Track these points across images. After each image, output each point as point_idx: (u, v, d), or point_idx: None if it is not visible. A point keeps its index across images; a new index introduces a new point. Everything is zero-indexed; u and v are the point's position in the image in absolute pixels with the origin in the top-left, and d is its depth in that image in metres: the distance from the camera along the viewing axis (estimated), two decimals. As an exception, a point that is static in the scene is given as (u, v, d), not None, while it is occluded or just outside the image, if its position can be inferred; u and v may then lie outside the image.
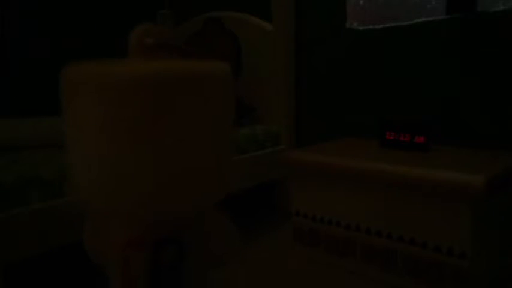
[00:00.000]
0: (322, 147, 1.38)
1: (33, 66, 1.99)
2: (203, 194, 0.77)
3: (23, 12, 1.97)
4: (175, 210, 0.75)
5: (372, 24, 1.57)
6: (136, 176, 0.69)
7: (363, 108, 1.59)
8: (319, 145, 1.43)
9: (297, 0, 1.74)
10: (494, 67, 1.28)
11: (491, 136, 1.31)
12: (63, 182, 1.06)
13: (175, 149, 0.70)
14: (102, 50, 2.27)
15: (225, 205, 1.91)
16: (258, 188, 1.93)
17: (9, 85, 1.89)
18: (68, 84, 0.73)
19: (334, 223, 1.26)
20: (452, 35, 1.36)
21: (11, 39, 1.92)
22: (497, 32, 1.27)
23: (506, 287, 1.13)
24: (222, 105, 0.76)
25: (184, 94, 0.70)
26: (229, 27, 1.90)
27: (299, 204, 1.35)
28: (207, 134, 0.74)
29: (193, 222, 0.82)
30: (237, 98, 1.90)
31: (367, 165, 1.15)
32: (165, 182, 0.70)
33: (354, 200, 1.21)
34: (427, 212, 1.07)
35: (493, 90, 1.29)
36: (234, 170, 1.48)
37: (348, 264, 1.24)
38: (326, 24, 1.67)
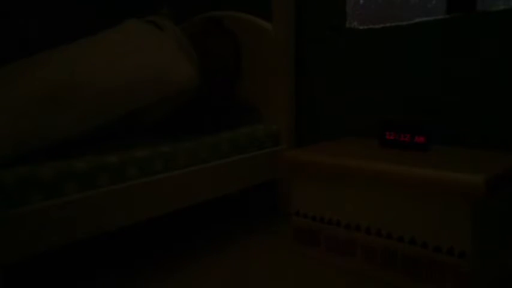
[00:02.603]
0: (322, 147, 1.38)
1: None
2: None
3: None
4: None
5: (372, 23, 1.57)
6: None
7: (362, 108, 1.59)
8: (319, 145, 1.43)
9: (297, 0, 1.74)
10: (494, 67, 1.28)
11: (491, 136, 1.31)
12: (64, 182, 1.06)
13: None
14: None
15: (225, 205, 1.92)
16: (258, 188, 1.93)
17: None
18: None
19: (334, 223, 1.26)
20: (452, 35, 1.35)
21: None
22: (497, 32, 1.27)
23: (506, 287, 1.13)
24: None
25: None
26: (229, 27, 1.90)
27: (299, 204, 1.35)
28: None
29: None
30: (237, 97, 1.90)
31: (367, 165, 1.15)
32: None
33: (353, 200, 1.21)
34: (427, 212, 1.07)
35: (493, 90, 1.29)
36: (232, 169, 1.48)
37: (348, 264, 1.24)
38: (326, 24, 1.67)
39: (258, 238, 1.50)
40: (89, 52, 1.31)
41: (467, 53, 1.33)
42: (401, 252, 1.12)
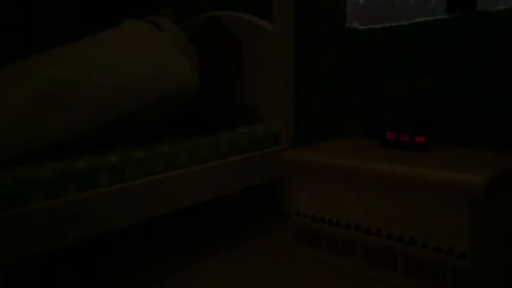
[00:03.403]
0: (322, 147, 1.38)
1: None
2: None
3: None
4: None
5: (372, 23, 1.57)
6: None
7: (363, 108, 1.59)
8: (319, 145, 1.43)
9: (297, 0, 1.74)
10: (494, 67, 1.28)
11: (491, 136, 1.31)
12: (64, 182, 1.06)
13: None
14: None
15: (225, 205, 1.92)
16: (258, 188, 1.93)
17: None
18: None
19: (334, 223, 1.26)
20: (452, 35, 1.36)
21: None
22: (497, 32, 1.27)
23: (507, 287, 1.13)
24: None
25: None
26: (229, 27, 1.90)
27: (299, 204, 1.35)
28: None
29: None
30: (237, 97, 1.90)
31: (367, 165, 1.15)
32: None
33: (354, 200, 1.21)
34: (427, 212, 1.07)
35: (493, 90, 1.29)
36: (232, 169, 1.48)
37: (348, 264, 1.24)
38: (326, 24, 1.67)
39: (258, 238, 1.50)
40: (89, 52, 1.31)
41: (467, 53, 1.33)
42: (401, 252, 1.12)
